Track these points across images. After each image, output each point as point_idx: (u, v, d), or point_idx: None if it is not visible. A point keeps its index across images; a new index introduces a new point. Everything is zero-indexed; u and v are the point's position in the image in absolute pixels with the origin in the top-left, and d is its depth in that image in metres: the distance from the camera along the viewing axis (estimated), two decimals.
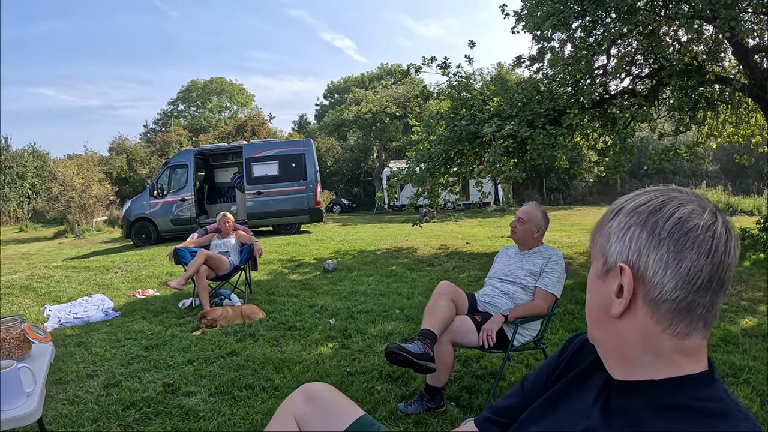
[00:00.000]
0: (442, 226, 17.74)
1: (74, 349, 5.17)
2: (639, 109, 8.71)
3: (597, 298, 1.03)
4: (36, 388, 2.16)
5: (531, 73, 10.26)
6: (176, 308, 6.80)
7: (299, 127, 51.94)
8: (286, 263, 10.22)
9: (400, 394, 3.71)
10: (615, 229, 0.99)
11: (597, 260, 1.04)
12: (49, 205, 25.00)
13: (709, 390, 0.91)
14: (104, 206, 22.45)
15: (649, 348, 0.94)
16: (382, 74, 49.85)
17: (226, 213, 7.32)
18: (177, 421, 3.46)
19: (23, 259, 13.00)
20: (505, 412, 1.29)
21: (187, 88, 56.56)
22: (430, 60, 10.07)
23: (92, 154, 29.67)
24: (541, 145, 8.47)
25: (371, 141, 36.66)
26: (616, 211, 1.01)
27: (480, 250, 11.04)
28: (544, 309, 3.58)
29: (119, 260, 11.63)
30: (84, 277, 9.60)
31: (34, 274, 10.02)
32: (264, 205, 16.17)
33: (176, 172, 16.35)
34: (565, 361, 1.23)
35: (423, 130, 11.08)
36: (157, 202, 15.98)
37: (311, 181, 16.29)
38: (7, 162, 29.51)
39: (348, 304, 6.63)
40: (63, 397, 3.93)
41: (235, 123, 37.29)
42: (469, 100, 10.02)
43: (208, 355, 4.77)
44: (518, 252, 3.87)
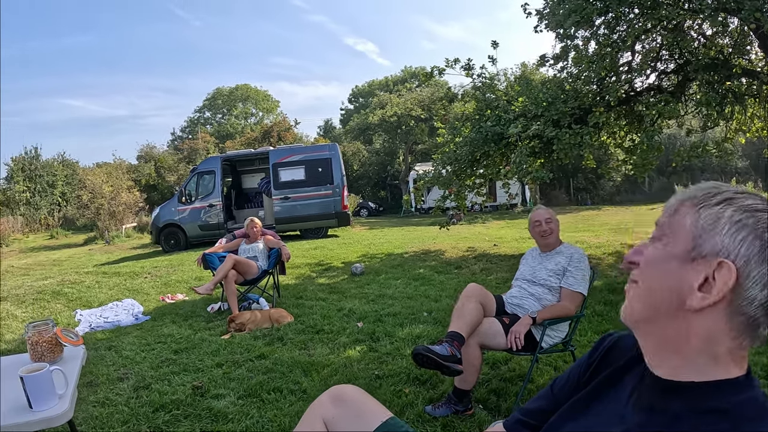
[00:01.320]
0: (470, 228, 17.67)
1: (105, 352, 5.25)
2: (665, 105, 8.57)
3: (668, 281, 0.95)
4: (68, 389, 2.19)
5: (555, 72, 10.15)
6: (205, 312, 6.85)
7: (325, 132, 52.17)
8: (313, 267, 10.25)
9: (428, 397, 3.68)
10: (726, 219, 0.91)
11: (678, 238, 0.95)
12: (79, 212, 25.42)
13: (749, 393, 0.89)
14: (133, 213, 22.77)
15: (709, 350, 0.92)
16: (406, 77, 49.78)
17: (253, 218, 7.36)
18: (206, 423, 3.49)
19: (54, 266, 13.23)
20: (535, 415, 1.27)
21: (212, 95, 57.02)
22: (453, 62, 10.03)
23: (121, 162, 30.15)
24: (567, 145, 8.38)
25: (397, 144, 36.67)
26: (726, 199, 0.93)
27: (508, 252, 10.96)
28: (572, 310, 3.54)
29: (149, 266, 11.76)
30: (114, 282, 9.72)
31: (65, 279, 10.17)
32: (291, 210, 16.25)
33: (204, 178, 16.51)
34: (596, 362, 1.19)
35: (448, 132, 11.05)
36: (186, 209, 16.15)
37: (338, 185, 16.34)
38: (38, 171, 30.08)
39: (376, 308, 6.62)
40: (94, 399, 3.99)
41: (261, 129, 37.50)
42: (494, 101, 9.96)
43: (237, 359, 4.80)
44: (541, 254, 3.85)
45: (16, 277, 11.67)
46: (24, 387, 2.05)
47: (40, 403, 2.07)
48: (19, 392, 2.07)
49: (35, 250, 18.55)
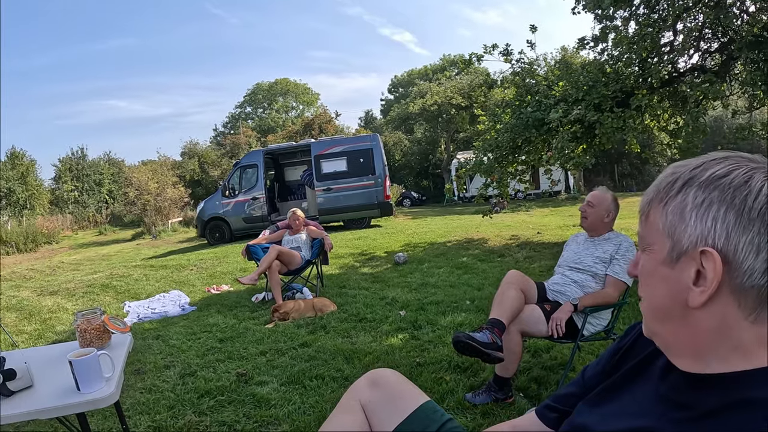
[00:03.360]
0: (513, 216, 17.54)
1: (152, 341, 5.37)
2: (710, 86, 8.32)
3: (665, 288, 0.91)
4: (114, 373, 2.25)
5: (595, 54, 9.94)
6: (249, 302, 6.94)
7: (366, 123, 52.24)
8: (357, 257, 10.30)
9: (468, 385, 3.66)
10: (691, 205, 0.86)
11: (658, 243, 0.92)
12: (126, 209, 26.06)
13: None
14: (179, 208, 23.21)
15: (727, 338, 0.86)
16: (445, 65, 49.46)
17: (295, 210, 7.42)
18: (249, 409, 3.54)
19: (103, 260, 13.57)
20: (565, 400, 1.24)
21: (252, 90, 57.57)
22: (491, 48, 9.90)
23: (165, 159, 30.78)
24: (610, 129, 8.22)
25: (438, 133, 36.55)
26: (685, 183, 0.88)
27: (551, 240, 10.86)
28: (614, 297, 3.46)
29: (194, 258, 11.97)
30: (161, 274, 9.93)
31: (113, 273, 10.43)
32: (334, 201, 16.35)
33: (247, 172, 16.72)
34: (623, 349, 1.16)
35: (489, 119, 10.96)
36: (230, 202, 16.36)
37: (380, 175, 16.36)
38: (85, 170, 31.08)
39: (418, 296, 6.62)
40: (141, 386, 4.09)
41: (302, 122, 37.75)
42: (534, 86, 9.82)
43: (280, 347, 4.85)
44: (588, 239, 3.75)
45: (67, 272, 12.00)
46: (72, 370, 2.12)
47: (87, 385, 2.13)
48: (69, 376, 2.14)
49: (84, 246, 19.06)
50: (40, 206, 29.06)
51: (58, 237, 23.01)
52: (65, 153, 32.85)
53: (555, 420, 1.25)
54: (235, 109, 58.49)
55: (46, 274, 11.88)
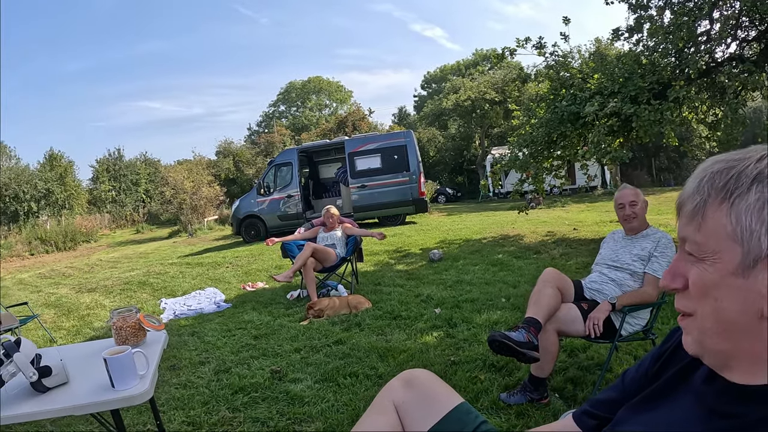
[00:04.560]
0: (549, 212, 17.35)
1: (188, 338, 5.43)
2: (749, 75, 8.09)
3: (736, 301, 0.80)
4: (149, 371, 2.27)
5: (630, 45, 9.74)
6: (284, 299, 6.98)
7: (399, 119, 52.13)
8: (391, 254, 10.28)
9: (503, 384, 3.61)
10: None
11: (726, 251, 0.81)
12: (162, 207, 26.43)
13: None
14: (214, 206, 23.47)
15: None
16: (478, 60, 49.13)
17: (330, 207, 7.42)
18: (283, 406, 3.55)
19: (140, 258, 13.78)
20: (604, 406, 1.19)
21: (286, 89, 57.92)
22: (524, 41, 9.79)
23: (200, 158, 31.15)
24: (647, 122, 8.05)
25: (472, 128, 36.31)
26: (753, 178, 0.79)
27: (588, 236, 10.70)
28: (653, 296, 3.36)
29: (230, 256, 12.09)
30: (197, 272, 10.04)
31: (150, 270, 10.59)
32: (369, 198, 16.37)
33: (281, 170, 16.82)
34: (666, 354, 1.10)
35: (523, 114, 10.85)
36: (265, 200, 16.49)
37: (414, 172, 16.31)
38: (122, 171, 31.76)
39: (453, 294, 6.57)
40: (176, 381, 4.14)
41: (336, 119, 37.85)
42: (569, 79, 9.67)
43: (315, 344, 4.86)
44: (626, 237, 3.66)
45: (105, 269, 12.22)
46: (107, 368, 2.14)
47: (122, 382, 2.15)
48: (104, 373, 2.16)
49: (122, 245, 19.40)
50: (79, 206, 29.74)
51: (96, 236, 23.50)
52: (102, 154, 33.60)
53: (594, 427, 1.20)
54: (268, 108, 58.96)
55: (84, 272, 12.11)
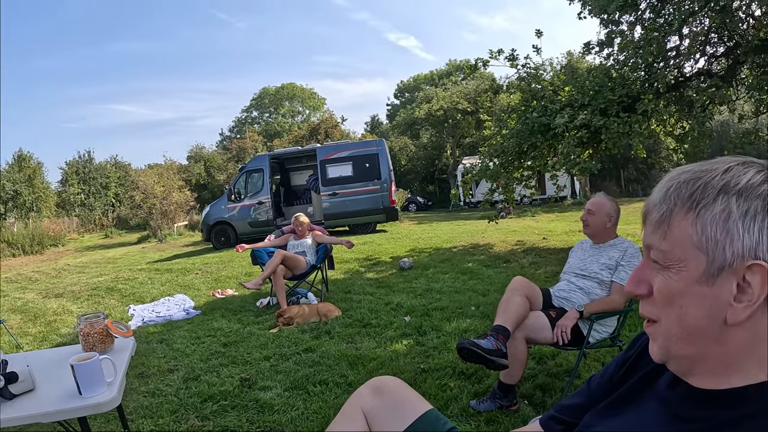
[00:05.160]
0: (519, 221, 17.51)
1: (156, 345, 5.37)
2: (716, 90, 8.30)
3: (701, 308, 0.83)
4: (116, 378, 2.25)
5: (601, 59, 9.94)
6: (254, 307, 6.95)
7: (372, 128, 52.28)
8: (362, 262, 10.29)
9: (472, 392, 3.64)
10: (736, 215, 0.80)
11: (691, 259, 0.83)
12: (132, 212, 26.13)
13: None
14: (184, 212, 23.26)
15: (756, 351, 0.83)
16: (451, 70, 49.54)
17: (299, 215, 7.40)
18: (252, 414, 3.54)
19: (109, 263, 13.60)
20: (570, 411, 1.22)
21: (259, 95, 57.81)
22: (497, 53, 9.90)
23: (171, 163, 30.87)
24: (616, 134, 8.19)
25: (444, 138, 36.53)
26: (721, 188, 0.82)
27: (557, 245, 10.82)
28: (620, 304, 3.42)
29: (200, 262, 11.99)
30: (166, 278, 9.95)
31: (119, 276, 10.45)
32: (340, 206, 16.35)
33: (252, 176, 16.74)
34: (631, 360, 1.12)
35: (495, 125, 10.95)
36: (235, 206, 16.39)
37: (385, 180, 16.35)
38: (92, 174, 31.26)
39: (423, 302, 6.60)
40: (144, 389, 4.09)
41: (308, 126, 37.83)
42: (540, 91, 9.80)
43: (285, 352, 4.85)
44: (593, 246, 3.73)
45: (72, 274, 12.04)
46: (74, 374, 2.12)
47: (89, 389, 2.13)
48: (71, 380, 2.14)
49: (90, 249, 19.12)
50: (47, 209, 29.21)
51: (64, 240, 23.12)
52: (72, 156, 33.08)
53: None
54: (241, 114, 58.81)
55: (51, 277, 11.92)
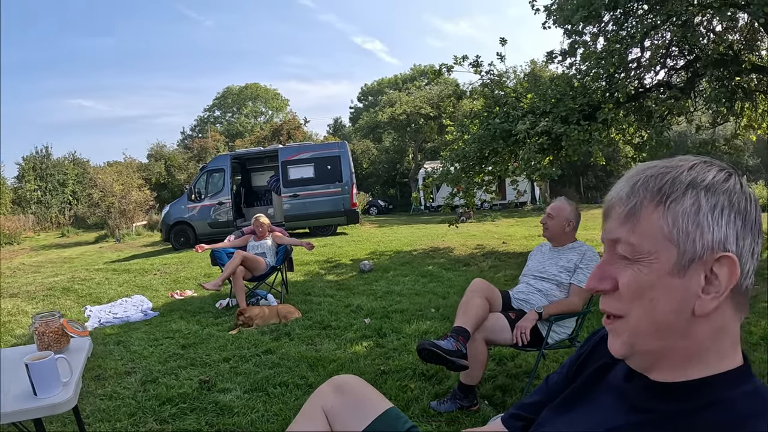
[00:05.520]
0: (479, 226, 17.65)
1: (113, 347, 5.28)
2: (675, 101, 8.53)
3: (670, 301, 0.84)
4: (72, 378, 2.21)
5: (564, 68, 10.13)
6: (213, 308, 6.88)
7: (334, 130, 52.16)
8: (322, 264, 10.26)
9: (433, 393, 3.68)
10: (705, 209, 0.83)
11: (661, 251, 0.85)
12: (89, 210, 25.54)
13: (752, 382, 0.86)
14: (143, 211, 22.81)
15: (720, 343, 0.86)
16: (416, 75, 49.69)
17: (259, 216, 7.35)
18: (212, 417, 3.50)
19: (65, 263, 13.30)
20: (530, 408, 1.25)
21: (222, 94, 57.19)
22: (462, 59, 10.00)
23: (131, 161, 30.18)
24: (576, 141, 8.36)
25: (406, 142, 36.60)
26: (690, 184, 0.84)
27: (517, 250, 10.95)
28: (578, 306, 3.51)
29: (158, 263, 11.82)
30: (124, 279, 9.78)
31: (75, 276, 10.24)
32: (300, 208, 16.27)
33: (213, 176, 16.54)
34: (583, 356, 1.16)
35: (457, 130, 11.03)
36: (195, 206, 16.17)
37: (347, 182, 16.34)
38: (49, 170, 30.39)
39: (383, 304, 6.62)
40: (101, 392, 4.02)
41: (271, 127, 37.56)
42: (503, 97, 9.94)
43: (244, 353, 4.82)
44: (552, 249, 3.81)
45: (27, 274, 11.74)
46: (29, 374, 2.07)
47: (44, 390, 2.09)
48: (26, 381, 2.09)
49: (46, 248, 18.66)
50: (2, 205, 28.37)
51: (19, 238, 22.50)
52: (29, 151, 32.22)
53: (521, 428, 1.25)
54: (204, 113, 57.98)
55: (6, 276, 11.61)
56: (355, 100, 58.15)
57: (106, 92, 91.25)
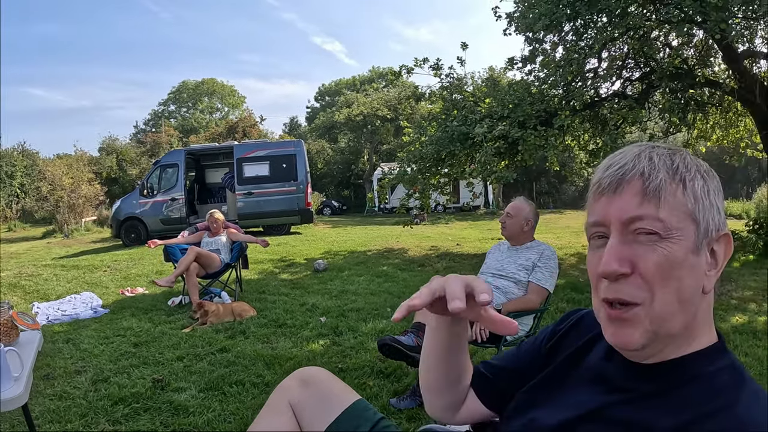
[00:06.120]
0: (433, 228, 17.74)
1: (62, 345, 5.12)
2: (630, 110, 8.74)
3: (693, 278, 0.85)
4: (23, 372, 2.14)
5: (523, 75, 10.27)
6: (166, 306, 6.75)
7: (290, 130, 51.80)
8: (276, 263, 10.20)
9: (392, 390, 3.69)
10: (712, 189, 0.87)
11: (685, 228, 0.84)
12: (38, 204, 24.76)
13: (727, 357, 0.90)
14: (93, 206, 22.25)
15: (708, 317, 0.90)
16: (374, 77, 49.81)
17: (214, 211, 7.26)
18: (166, 417, 3.43)
19: (11, 258, 12.90)
20: (495, 369, 1.26)
21: (177, 88, 56.32)
22: (422, 61, 10.07)
23: (82, 154, 29.40)
24: (532, 146, 8.49)
25: (362, 144, 36.66)
26: (695, 166, 0.88)
27: (471, 251, 11.06)
28: (537, 303, 3.57)
29: (108, 259, 11.56)
30: (73, 275, 9.53)
31: (22, 272, 9.94)
32: (254, 206, 16.11)
33: (166, 171, 16.24)
34: (559, 334, 1.17)
35: (414, 131, 11.09)
36: (147, 202, 15.86)
37: (302, 182, 16.24)
38: None
39: (339, 303, 6.62)
40: (51, 392, 3.89)
41: (226, 124, 37.12)
42: (461, 101, 10.03)
43: (198, 352, 4.74)
44: (510, 248, 3.86)
45: None
46: None
47: None
48: None
49: None
50: None
51: None
52: None
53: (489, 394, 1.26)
54: (158, 107, 57.07)
55: None
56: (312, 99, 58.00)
57: (57, 81, 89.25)
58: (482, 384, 1.28)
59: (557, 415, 1.01)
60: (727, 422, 0.80)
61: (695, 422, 0.82)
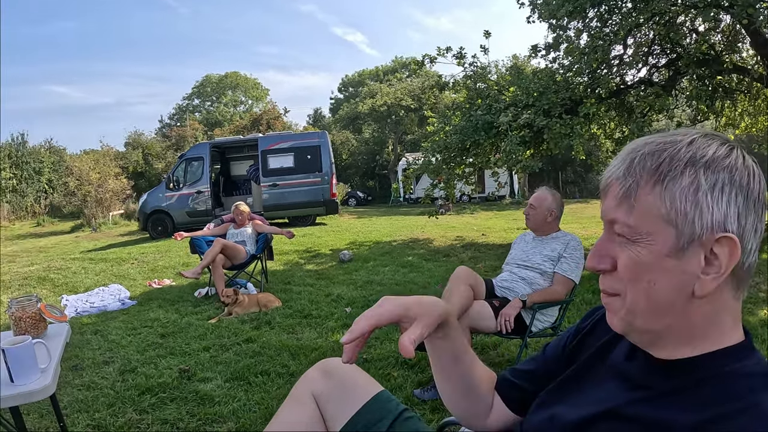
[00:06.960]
0: (458, 218, 17.69)
1: (90, 336, 5.19)
2: (656, 98, 8.60)
3: (669, 281, 0.83)
4: (50, 364, 2.15)
5: (547, 62, 10.17)
6: (192, 297, 6.81)
7: (314, 121, 51.86)
8: (302, 254, 10.22)
9: (416, 381, 3.66)
10: (704, 188, 0.80)
11: (660, 233, 0.83)
12: (65, 199, 25.11)
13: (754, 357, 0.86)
14: (120, 200, 22.52)
15: (720, 320, 0.85)
16: (397, 67, 49.57)
17: (239, 203, 7.28)
18: (192, 406, 3.45)
19: (40, 252, 13.10)
20: (524, 376, 1.26)
21: (201, 83, 56.61)
22: (445, 50, 9.99)
23: (108, 149, 29.76)
24: (557, 135, 8.39)
25: (386, 134, 36.62)
26: (686, 162, 0.81)
27: (496, 241, 10.98)
28: (562, 294, 3.53)
29: (136, 252, 11.70)
30: (101, 268, 9.65)
31: (51, 266, 10.09)
32: (279, 197, 16.18)
33: (192, 164, 16.37)
34: (583, 332, 1.15)
35: (439, 121, 11.03)
36: (173, 195, 16.00)
37: (326, 173, 16.27)
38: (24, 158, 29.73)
39: (364, 293, 6.61)
40: (79, 382, 3.94)
41: (251, 117, 37.27)
42: (485, 90, 9.94)
43: (224, 342, 4.77)
44: (536, 238, 3.81)
45: (3, 264, 11.54)
46: (5, 360, 2.01)
47: (22, 376, 2.03)
48: (2, 366, 2.03)
49: (21, 238, 18.37)
50: None
51: None
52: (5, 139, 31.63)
53: (515, 399, 1.26)
54: (182, 101, 57.36)
55: None
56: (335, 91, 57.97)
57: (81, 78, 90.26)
58: (509, 390, 1.27)
59: (577, 412, 0.99)
60: (750, 420, 0.77)
61: (714, 421, 0.79)
